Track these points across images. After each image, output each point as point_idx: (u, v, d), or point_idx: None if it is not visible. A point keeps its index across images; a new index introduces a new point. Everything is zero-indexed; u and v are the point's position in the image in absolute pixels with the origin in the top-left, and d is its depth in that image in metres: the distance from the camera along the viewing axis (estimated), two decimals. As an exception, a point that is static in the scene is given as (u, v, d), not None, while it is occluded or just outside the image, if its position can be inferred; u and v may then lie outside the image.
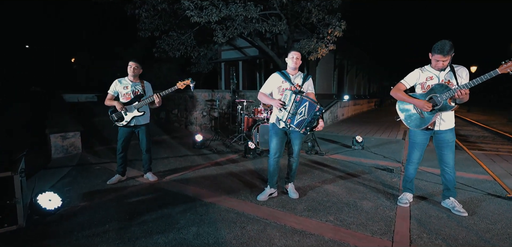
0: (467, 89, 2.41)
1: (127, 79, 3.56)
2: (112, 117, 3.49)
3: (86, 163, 4.58)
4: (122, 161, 3.63)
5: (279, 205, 2.93)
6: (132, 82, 3.54)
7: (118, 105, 3.40)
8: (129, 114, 3.48)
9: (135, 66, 3.49)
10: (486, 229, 2.41)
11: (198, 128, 7.98)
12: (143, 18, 10.77)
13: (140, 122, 3.57)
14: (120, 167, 3.64)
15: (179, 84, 3.48)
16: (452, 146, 2.69)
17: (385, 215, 2.69)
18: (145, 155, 3.72)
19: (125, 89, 3.51)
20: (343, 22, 9.92)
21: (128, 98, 3.49)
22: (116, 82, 3.53)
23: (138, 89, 3.55)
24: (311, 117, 2.79)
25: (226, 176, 3.93)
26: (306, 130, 2.83)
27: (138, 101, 3.49)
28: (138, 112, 3.50)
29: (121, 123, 3.49)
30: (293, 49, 3.06)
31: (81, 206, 2.91)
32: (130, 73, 3.49)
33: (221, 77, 19.40)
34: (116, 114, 3.47)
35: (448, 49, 2.45)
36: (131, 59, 3.52)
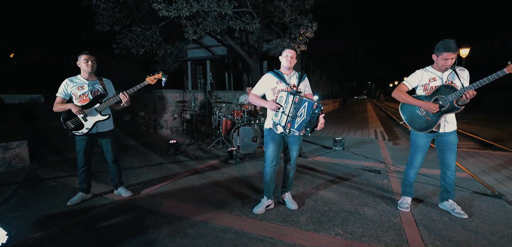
0: (474, 90, 2.38)
1: (80, 77, 2.91)
2: (67, 125, 2.83)
3: (36, 178, 3.80)
4: (85, 177, 3.02)
5: (280, 219, 2.64)
6: (89, 80, 2.92)
7: (75, 109, 2.74)
8: (90, 120, 2.87)
9: (92, 59, 2.86)
10: (490, 231, 2.41)
11: (169, 131, 7.34)
12: (101, 9, 9.69)
13: (104, 128, 2.98)
14: (83, 184, 3.03)
15: (149, 79, 2.97)
16: (455, 149, 2.67)
17: (392, 223, 2.57)
18: (113, 167, 3.15)
19: (80, 90, 2.86)
20: (315, 23, 10.02)
21: (85, 100, 2.86)
22: (66, 81, 2.85)
23: (97, 88, 2.95)
24: (309, 116, 2.56)
25: (211, 187, 3.53)
26: (306, 131, 2.59)
27: (100, 102, 2.90)
28: (102, 116, 2.92)
29: (79, 132, 2.86)
30: (288, 47, 2.78)
31: (36, 238, 2.30)
32: (86, 69, 2.85)
33: (188, 77, 18.54)
34: (73, 120, 2.82)
35: (454, 46, 2.42)
36: (82, 52, 2.84)
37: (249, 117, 5.56)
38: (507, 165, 4.75)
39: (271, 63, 16.79)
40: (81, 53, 2.86)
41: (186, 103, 7.77)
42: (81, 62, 2.85)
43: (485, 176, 4.13)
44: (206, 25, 8.54)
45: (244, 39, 13.48)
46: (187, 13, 7.69)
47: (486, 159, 5.19)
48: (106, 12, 9.84)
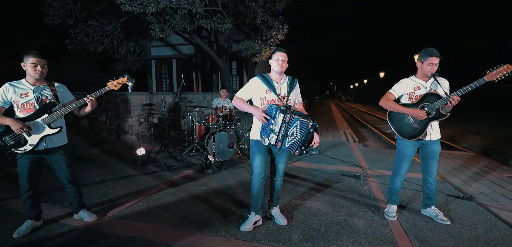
0: (458, 97, 2.44)
1: (25, 82, 2.40)
2: (4, 141, 2.29)
3: (-31, 202, 3.11)
4: (32, 202, 2.49)
5: (272, 238, 2.45)
6: (35, 86, 2.41)
7: (16, 125, 2.23)
8: (35, 135, 2.35)
9: (42, 64, 2.35)
10: (473, 237, 2.49)
11: (135, 137, 6.72)
12: (51, 0, 8.61)
13: (54, 144, 2.47)
14: (30, 210, 2.50)
15: (111, 84, 2.53)
16: (437, 157, 2.73)
17: (383, 235, 2.53)
18: (71, 188, 2.65)
19: (23, 97, 2.34)
20: (286, 26, 10.05)
21: (30, 110, 2.36)
22: (6, 86, 2.33)
23: (46, 94, 2.43)
24: (303, 136, 2.40)
25: (190, 203, 3.21)
26: (301, 150, 2.43)
27: (49, 112, 2.39)
28: (51, 129, 2.41)
29: (22, 149, 2.33)
30: (279, 50, 2.56)
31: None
32: (33, 74, 2.35)
33: (152, 77, 17.47)
34: (12, 136, 2.29)
35: (437, 52, 2.51)
36: (30, 52, 2.33)
37: (225, 122, 5.28)
38: (467, 165, 5.16)
39: (240, 64, 16.57)
40: (28, 54, 2.34)
41: (154, 106, 7.20)
42: (28, 66, 2.33)
43: (452, 177, 4.40)
44: (175, 23, 8.03)
45: (213, 38, 13.07)
46: (154, 9, 7.12)
47: (448, 159, 5.58)
48: (57, 3, 8.76)
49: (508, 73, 2.32)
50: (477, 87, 2.40)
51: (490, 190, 3.81)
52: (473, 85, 2.40)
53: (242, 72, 16.45)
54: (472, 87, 2.41)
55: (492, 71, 2.35)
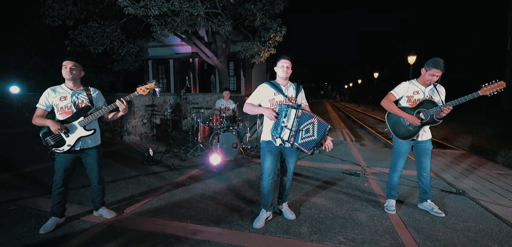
0: (451, 107, 2.67)
1: (64, 86, 2.62)
2: (47, 142, 2.52)
3: (-12, 202, 3.22)
4: (61, 199, 2.66)
5: (283, 231, 2.65)
6: (72, 90, 2.61)
7: (54, 125, 2.45)
8: (72, 135, 2.56)
9: (71, 65, 2.53)
10: (465, 228, 2.73)
11: (138, 138, 6.84)
12: (51, 1, 8.65)
13: (88, 145, 2.67)
14: (57, 207, 2.66)
15: (140, 89, 2.71)
16: (429, 154, 2.97)
17: (384, 227, 2.76)
18: (97, 187, 2.83)
19: (62, 101, 2.56)
20: (284, 28, 10.26)
21: (68, 113, 2.56)
22: (48, 91, 2.56)
23: (82, 98, 2.63)
24: (320, 137, 2.57)
25: (201, 200, 3.38)
26: (314, 150, 2.62)
27: (84, 115, 2.59)
28: (86, 130, 2.61)
29: (60, 149, 2.54)
30: (284, 57, 2.77)
31: (10, 280, 1.95)
32: (65, 76, 2.54)
33: (149, 77, 17.51)
34: (53, 137, 2.51)
35: (443, 65, 2.68)
36: (67, 58, 2.54)
37: (228, 122, 5.46)
38: (458, 162, 5.45)
39: (237, 64, 16.74)
40: (66, 59, 2.56)
41: (156, 107, 7.33)
42: (62, 70, 2.53)
43: (445, 173, 4.67)
44: (176, 25, 8.17)
45: (211, 39, 13.21)
46: (156, 12, 7.25)
47: (440, 157, 5.87)
48: (57, 4, 8.80)
49: (501, 89, 2.55)
50: (471, 99, 2.63)
51: (481, 185, 4.09)
52: (467, 97, 2.62)
53: (239, 73, 16.62)
54: (466, 99, 2.63)
55: (487, 86, 2.58)
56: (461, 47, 24.39)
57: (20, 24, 14.95)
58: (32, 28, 14.41)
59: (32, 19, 10.49)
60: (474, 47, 23.70)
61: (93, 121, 2.64)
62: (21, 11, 14.47)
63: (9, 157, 4.58)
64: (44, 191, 3.57)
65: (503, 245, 2.43)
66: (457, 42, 25.17)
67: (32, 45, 15.15)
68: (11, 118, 8.34)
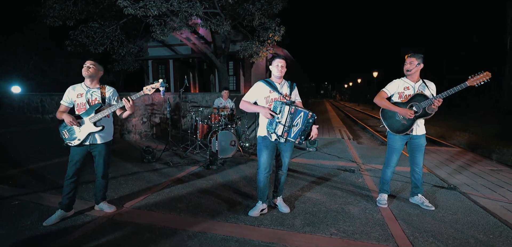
0: (441, 99, 2.77)
1: (82, 84, 2.80)
2: (62, 134, 2.72)
3: (-7, 197, 3.32)
4: (71, 189, 2.77)
5: (277, 223, 2.74)
6: (88, 88, 2.76)
7: (67, 118, 2.64)
8: (82, 130, 2.70)
9: (89, 64, 2.70)
10: (454, 220, 2.83)
11: (138, 136, 6.94)
12: (52, 2, 8.75)
13: (97, 141, 2.79)
14: (66, 198, 2.76)
15: (146, 88, 2.82)
16: (423, 150, 3.06)
17: (375, 219, 2.85)
18: (101, 182, 2.94)
19: (79, 97, 2.74)
20: (282, 28, 10.34)
21: (82, 109, 2.73)
22: (69, 89, 2.78)
23: (95, 96, 2.77)
24: (304, 125, 2.69)
25: (200, 195, 3.48)
26: (301, 139, 2.72)
27: (95, 112, 2.71)
28: (95, 127, 2.72)
29: (73, 142, 2.70)
30: (278, 57, 2.88)
31: (16, 268, 2.05)
32: (84, 75, 2.71)
33: (149, 77, 17.60)
34: (68, 130, 2.71)
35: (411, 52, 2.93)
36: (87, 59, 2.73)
37: (226, 121, 5.56)
38: (453, 159, 5.54)
39: (237, 64, 16.82)
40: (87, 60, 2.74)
41: (155, 106, 7.42)
42: (83, 69, 2.70)
43: (438, 170, 4.76)
44: (175, 25, 8.26)
45: (210, 39, 13.29)
46: (156, 12, 7.35)
47: (436, 154, 5.97)
48: (58, 5, 8.90)
49: (487, 79, 2.65)
50: (459, 90, 2.73)
51: (472, 181, 4.18)
52: (455, 89, 2.73)
53: (239, 72, 16.71)
54: (455, 90, 2.74)
55: (474, 77, 2.69)
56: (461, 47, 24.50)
57: (20, 24, 15.05)
58: (32, 28, 14.51)
59: (32, 19, 10.60)
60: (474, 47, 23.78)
61: (105, 118, 2.76)
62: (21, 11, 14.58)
63: (12, 155, 4.68)
64: (46, 187, 3.67)
65: (488, 235, 2.52)
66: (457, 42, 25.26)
67: (32, 45, 15.26)
68: (13, 117, 8.45)
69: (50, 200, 3.23)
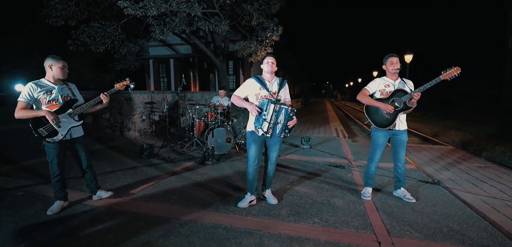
0: (420, 92, 2.93)
1: (46, 81, 2.80)
2: (41, 133, 2.70)
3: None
4: (61, 185, 2.93)
5: (264, 213, 2.91)
6: (58, 85, 2.84)
7: (50, 116, 2.64)
8: (63, 126, 2.79)
9: (67, 66, 2.87)
10: (432, 211, 2.98)
11: (137, 133, 7.14)
12: (54, 3, 8.96)
13: (77, 134, 2.96)
14: (59, 192, 2.93)
15: (118, 85, 3.06)
16: (405, 146, 3.22)
17: (358, 210, 3.01)
18: (88, 173, 3.13)
19: (48, 94, 2.74)
20: (280, 27, 10.49)
21: (55, 106, 2.79)
22: (32, 85, 2.70)
23: (67, 92, 2.90)
24: (286, 120, 2.85)
25: (193, 188, 3.66)
26: (285, 133, 2.88)
27: (72, 107, 2.87)
28: (75, 121, 2.89)
29: (53, 139, 2.76)
30: (269, 54, 3.07)
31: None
32: (60, 76, 2.80)
33: (150, 76, 17.82)
34: (46, 127, 2.70)
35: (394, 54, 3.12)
36: (55, 57, 2.79)
37: (222, 118, 5.73)
38: (443, 157, 5.68)
39: (237, 64, 17.00)
40: (54, 57, 2.79)
41: (155, 104, 7.61)
42: (56, 68, 2.77)
43: (427, 167, 4.91)
44: (174, 25, 8.44)
45: (210, 38, 13.48)
46: (155, 12, 7.53)
47: (427, 152, 6.11)
48: (60, 5, 9.10)
49: (457, 73, 2.82)
50: (434, 85, 2.89)
51: (458, 177, 4.32)
52: (431, 83, 2.89)
53: (238, 72, 16.89)
54: (431, 84, 2.91)
55: (446, 72, 2.85)
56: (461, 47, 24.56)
57: (20, 24, 15.28)
58: (32, 28, 14.74)
59: (32, 19, 10.79)
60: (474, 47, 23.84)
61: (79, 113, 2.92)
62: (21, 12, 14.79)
63: (15, 151, 4.88)
64: (48, 180, 3.83)
65: (462, 225, 2.67)
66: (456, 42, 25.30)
67: (32, 45, 15.50)
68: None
69: (51, 191, 3.40)
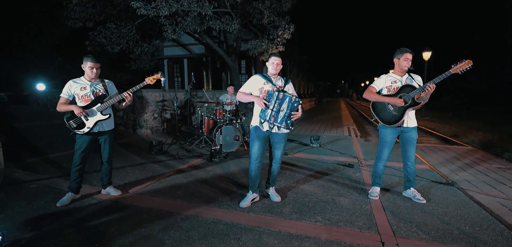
0: (434, 84, 2.78)
1: (83, 78, 3.06)
2: (70, 124, 2.96)
3: (15, 181, 3.70)
4: (78, 175, 3.06)
5: (266, 210, 2.88)
6: (91, 81, 3.05)
7: (77, 109, 2.88)
8: (91, 119, 2.98)
9: (97, 67, 3.01)
10: (443, 213, 2.84)
11: (149, 131, 7.30)
12: (73, 5, 9.31)
13: (104, 128, 3.09)
14: (75, 183, 3.05)
15: (148, 79, 3.12)
16: (414, 143, 3.08)
17: (363, 209, 2.92)
18: (106, 167, 3.23)
19: (82, 90, 3.00)
20: (292, 25, 10.39)
21: (87, 101, 2.99)
22: (70, 83, 3.01)
23: (99, 88, 3.07)
24: (289, 110, 2.78)
25: (198, 184, 3.68)
26: (287, 123, 2.82)
27: (101, 102, 3.00)
28: (102, 115, 3.02)
29: (81, 131, 2.97)
30: (274, 54, 3.01)
31: (28, 238, 2.33)
32: (90, 75, 3.00)
33: (165, 75, 18.16)
34: (75, 120, 2.94)
35: (409, 49, 2.92)
36: (88, 57, 2.99)
37: (231, 116, 5.74)
38: (461, 157, 5.41)
39: (249, 63, 17.02)
40: (86, 58, 2.99)
41: (166, 102, 7.76)
42: (86, 68, 2.98)
43: (442, 167, 4.69)
44: (186, 25, 8.55)
45: (223, 38, 13.56)
46: (167, 12, 7.66)
47: (444, 152, 5.84)
48: (78, 7, 9.46)
49: (469, 67, 2.66)
50: (445, 78, 2.75)
51: (475, 178, 4.10)
52: (441, 77, 2.76)
53: (251, 71, 16.89)
54: (441, 78, 2.76)
55: (456, 65, 2.70)
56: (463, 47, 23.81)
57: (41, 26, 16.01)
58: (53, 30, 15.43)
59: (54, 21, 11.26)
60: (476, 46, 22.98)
61: (108, 108, 3.05)
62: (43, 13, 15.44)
63: (36, 145, 5.12)
64: (62, 173, 4.02)
65: (474, 227, 2.52)
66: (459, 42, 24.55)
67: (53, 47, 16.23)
68: (38, 112, 9.13)
69: (64, 185, 3.54)
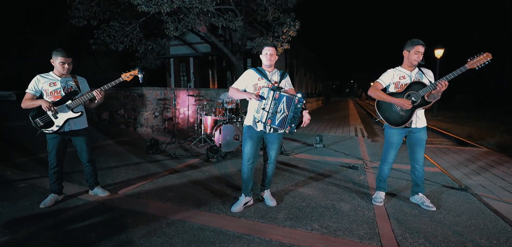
0: (447, 81, 2.50)
1: (53, 74, 2.83)
2: (36, 123, 2.70)
3: (4, 180, 3.61)
4: (57, 178, 2.89)
5: (258, 216, 2.67)
6: (62, 77, 2.83)
7: (45, 104, 2.63)
8: (60, 117, 2.75)
9: (69, 62, 2.78)
10: (455, 222, 2.56)
11: (150, 130, 7.19)
12: (77, 3, 9.31)
13: (77, 127, 2.89)
14: (55, 185, 2.90)
15: (125, 75, 2.92)
16: (424, 145, 2.81)
17: (365, 217, 2.67)
18: (88, 167, 3.05)
19: (52, 86, 2.76)
20: (297, 22, 10.11)
21: (57, 97, 2.77)
22: (37, 78, 2.75)
23: (70, 84, 2.86)
24: (292, 112, 2.56)
25: (191, 186, 3.50)
26: (291, 127, 2.60)
27: (72, 99, 2.79)
28: (73, 113, 2.82)
29: (49, 129, 2.74)
30: (267, 45, 2.80)
31: (4, 242, 2.19)
32: (61, 71, 2.78)
33: (171, 74, 18.17)
34: (42, 118, 2.70)
35: (422, 41, 2.61)
36: (58, 51, 2.75)
37: (231, 115, 5.55)
38: (475, 160, 5.05)
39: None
40: (57, 52, 2.76)
41: (167, 100, 7.63)
42: (56, 63, 2.76)
43: (455, 171, 4.36)
44: (188, 22, 8.41)
45: (228, 36, 13.40)
46: (168, 9, 7.53)
47: (456, 155, 5.48)
48: (82, 6, 9.46)
49: (487, 61, 2.37)
50: (460, 74, 2.47)
51: (491, 183, 3.77)
52: (456, 72, 2.47)
53: (256, 69, 16.70)
54: (456, 73, 2.48)
55: (472, 60, 2.41)
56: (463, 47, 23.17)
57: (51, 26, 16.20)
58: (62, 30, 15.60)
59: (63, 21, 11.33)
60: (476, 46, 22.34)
61: (80, 105, 2.85)
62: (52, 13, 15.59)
63: (29, 144, 5.05)
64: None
65: (491, 240, 2.24)
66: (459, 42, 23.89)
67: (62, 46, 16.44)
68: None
69: (52, 184, 3.43)
